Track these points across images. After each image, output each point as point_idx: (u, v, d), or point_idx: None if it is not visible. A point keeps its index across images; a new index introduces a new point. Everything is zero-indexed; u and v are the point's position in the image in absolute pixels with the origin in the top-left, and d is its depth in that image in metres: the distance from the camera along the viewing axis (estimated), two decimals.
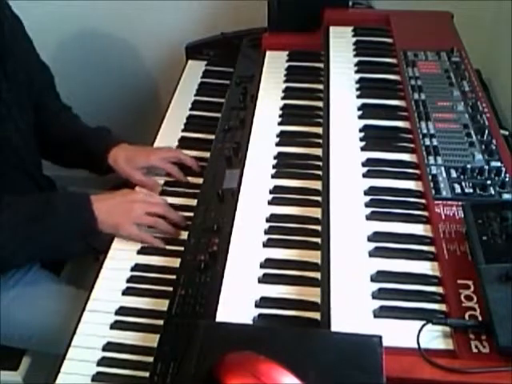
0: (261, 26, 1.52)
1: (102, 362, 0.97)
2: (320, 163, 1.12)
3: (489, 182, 0.98)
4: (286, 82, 1.36)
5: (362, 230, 0.94)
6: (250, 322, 0.86)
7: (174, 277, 1.04)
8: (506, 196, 0.96)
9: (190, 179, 1.28)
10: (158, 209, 1.16)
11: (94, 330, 1.01)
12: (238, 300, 0.89)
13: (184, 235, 1.13)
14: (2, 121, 1.17)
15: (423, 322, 0.78)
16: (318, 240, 0.98)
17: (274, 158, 1.15)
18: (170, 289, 1.03)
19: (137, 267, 1.11)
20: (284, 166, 1.14)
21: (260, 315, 0.88)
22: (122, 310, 1.04)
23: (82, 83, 2.00)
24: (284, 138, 1.20)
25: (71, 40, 1.92)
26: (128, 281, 1.09)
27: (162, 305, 1.02)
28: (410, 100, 1.17)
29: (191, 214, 1.15)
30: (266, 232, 1.01)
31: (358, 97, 1.22)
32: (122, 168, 1.27)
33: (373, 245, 0.91)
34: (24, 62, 1.23)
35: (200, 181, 1.24)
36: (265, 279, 0.93)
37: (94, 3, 1.82)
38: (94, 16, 1.86)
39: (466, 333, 0.77)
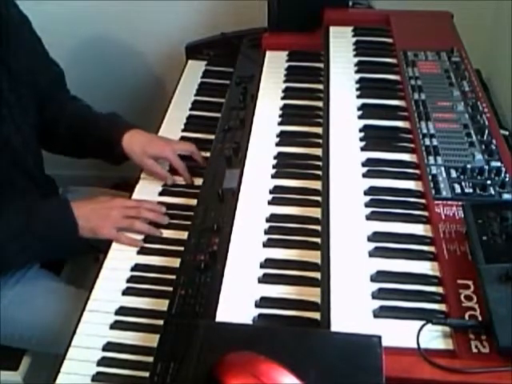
0: (261, 26, 1.52)
1: (102, 361, 0.97)
2: (320, 163, 1.12)
3: (489, 182, 0.98)
4: (286, 81, 1.36)
5: (362, 230, 0.94)
6: (250, 322, 0.86)
7: (173, 277, 1.04)
8: (506, 196, 0.96)
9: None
10: (133, 212, 1.18)
11: (94, 330, 1.01)
12: (238, 300, 0.89)
13: (184, 235, 1.13)
14: (3, 121, 1.16)
15: (423, 322, 0.78)
16: (318, 240, 0.98)
17: (274, 158, 1.15)
18: (170, 289, 1.02)
19: (137, 267, 1.11)
20: (284, 166, 1.14)
21: (260, 315, 0.88)
22: (122, 310, 1.04)
23: (82, 83, 1.98)
24: (284, 138, 1.20)
25: (70, 40, 1.92)
26: (128, 281, 1.09)
27: (162, 305, 1.02)
28: (410, 100, 1.17)
29: (191, 214, 1.16)
30: (266, 232, 1.01)
31: (358, 97, 1.22)
32: (136, 153, 1.27)
33: (373, 245, 0.91)
34: (29, 62, 1.23)
35: (200, 181, 1.24)
36: (265, 279, 0.93)
37: (94, 3, 1.82)
38: (94, 16, 1.86)
39: (466, 333, 0.77)
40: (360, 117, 1.17)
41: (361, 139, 1.11)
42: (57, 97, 1.36)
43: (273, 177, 1.11)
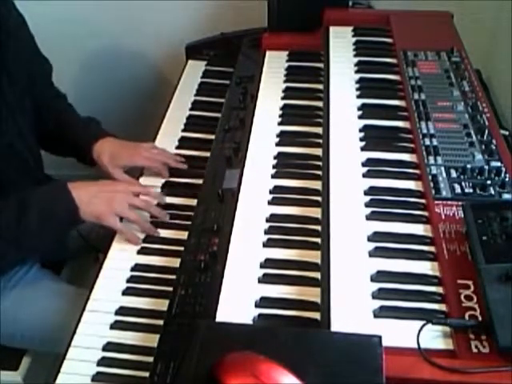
0: (261, 26, 1.52)
1: (102, 361, 0.97)
2: (320, 163, 1.12)
3: (489, 181, 0.98)
4: (286, 82, 1.36)
5: (361, 230, 0.94)
6: (250, 322, 0.87)
7: (174, 277, 1.04)
8: (506, 196, 0.96)
9: (190, 180, 1.28)
10: (139, 202, 1.16)
11: (94, 330, 1.01)
12: (238, 300, 0.89)
13: (184, 235, 1.13)
14: (6, 124, 1.16)
15: (423, 322, 0.78)
16: (318, 240, 0.98)
17: (274, 158, 1.15)
18: (170, 289, 1.03)
19: (137, 267, 1.11)
20: (284, 166, 1.14)
21: (260, 315, 0.88)
22: (121, 310, 1.04)
23: (82, 83, 2.00)
24: (284, 138, 1.20)
25: (71, 40, 1.92)
26: (128, 281, 1.09)
27: (162, 305, 1.02)
28: (410, 100, 1.18)
29: (191, 214, 1.16)
30: (266, 232, 1.01)
31: (358, 97, 1.22)
32: (104, 164, 1.27)
33: (373, 245, 0.91)
34: (27, 63, 1.23)
35: (200, 181, 1.24)
36: (265, 279, 0.93)
37: (94, 3, 1.82)
38: (94, 16, 1.86)
39: (466, 333, 0.77)
40: (360, 117, 1.17)
41: (361, 139, 1.11)
42: (43, 92, 1.35)
43: (273, 177, 1.11)
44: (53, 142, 1.37)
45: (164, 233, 1.17)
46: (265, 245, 0.98)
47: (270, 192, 1.08)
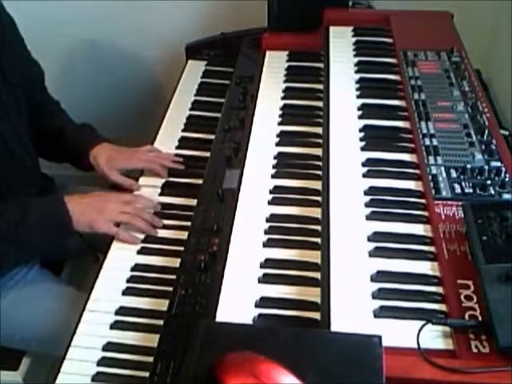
0: (261, 26, 1.52)
1: (101, 361, 0.97)
2: (320, 163, 1.12)
3: (489, 181, 0.98)
4: (286, 82, 1.36)
5: (362, 230, 0.94)
6: (250, 322, 0.87)
7: (174, 277, 1.04)
8: (506, 196, 0.96)
9: (190, 180, 1.28)
10: (129, 208, 1.17)
11: (94, 330, 1.01)
12: (238, 300, 0.89)
13: (184, 235, 1.13)
14: (0, 124, 1.16)
15: (423, 322, 0.78)
16: (318, 240, 0.98)
17: (274, 158, 1.15)
18: (170, 289, 1.03)
19: (137, 267, 1.11)
20: (284, 165, 1.14)
21: (260, 315, 0.88)
22: (122, 310, 1.04)
23: (82, 83, 2.00)
24: (284, 138, 1.20)
25: (71, 40, 1.92)
26: (128, 281, 1.09)
27: (162, 305, 1.02)
28: (410, 100, 1.18)
29: (191, 214, 1.15)
30: (266, 232, 1.01)
31: (358, 97, 1.22)
32: (101, 167, 1.28)
33: (373, 245, 0.91)
34: (19, 63, 1.23)
35: (200, 181, 1.24)
36: (265, 279, 0.93)
37: (94, 3, 1.82)
38: (94, 16, 1.86)
39: (466, 333, 0.77)
40: (360, 117, 1.17)
41: (361, 139, 1.11)
42: (36, 96, 1.36)
43: (273, 177, 1.11)
44: (47, 147, 1.37)
45: (164, 233, 1.18)
46: (265, 245, 0.98)
47: (270, 192, 1.08)
